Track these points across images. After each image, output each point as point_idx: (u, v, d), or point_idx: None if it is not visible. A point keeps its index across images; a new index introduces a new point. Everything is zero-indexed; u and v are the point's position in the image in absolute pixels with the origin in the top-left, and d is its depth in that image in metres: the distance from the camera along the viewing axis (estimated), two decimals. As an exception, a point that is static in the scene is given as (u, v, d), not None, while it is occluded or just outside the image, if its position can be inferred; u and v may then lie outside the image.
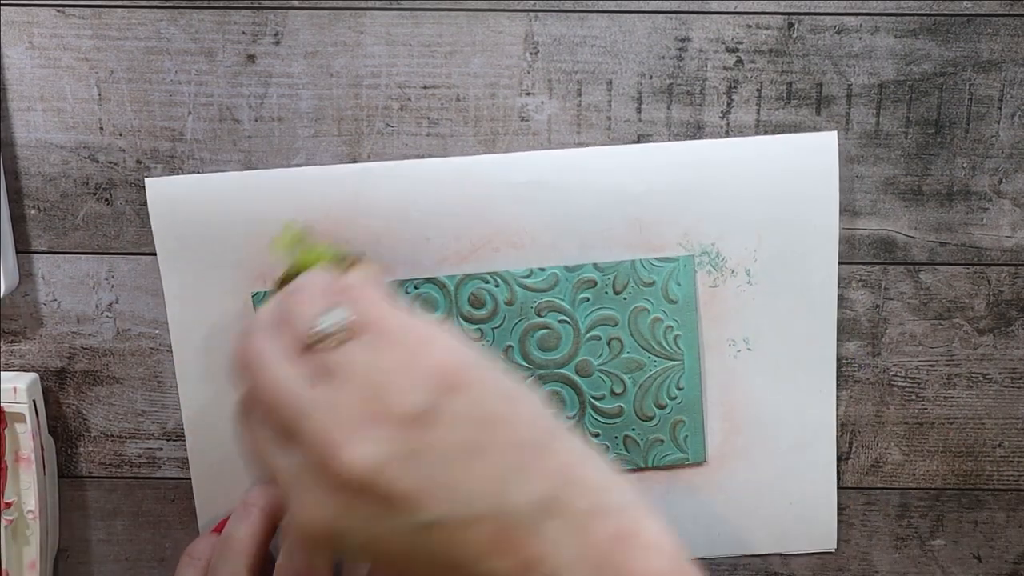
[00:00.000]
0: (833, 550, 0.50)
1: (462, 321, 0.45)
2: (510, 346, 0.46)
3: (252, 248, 0.45)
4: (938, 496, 0.50)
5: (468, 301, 0.45)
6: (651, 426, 0.47)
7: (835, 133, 0.44)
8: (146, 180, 0.44)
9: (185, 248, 0.45)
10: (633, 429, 0.47)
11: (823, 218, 0.45)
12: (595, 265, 0.45)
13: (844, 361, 0.48)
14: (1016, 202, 0.46)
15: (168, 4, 0.43)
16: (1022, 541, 0.50)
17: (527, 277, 0.45)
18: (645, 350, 0.46)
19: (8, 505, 0.45)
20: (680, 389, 0.46)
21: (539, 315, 0.45)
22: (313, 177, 0.44)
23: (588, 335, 0.46)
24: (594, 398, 0.46)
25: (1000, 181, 0.45)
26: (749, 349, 0.47)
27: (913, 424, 0.49)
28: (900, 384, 0.48)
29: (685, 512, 0.49)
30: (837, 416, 0.48)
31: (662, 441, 0.47)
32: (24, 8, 0.43)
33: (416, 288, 0.45)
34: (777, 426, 0.47)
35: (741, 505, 0.48)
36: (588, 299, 0.45)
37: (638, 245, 0.45)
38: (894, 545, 0.50)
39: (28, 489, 0.46)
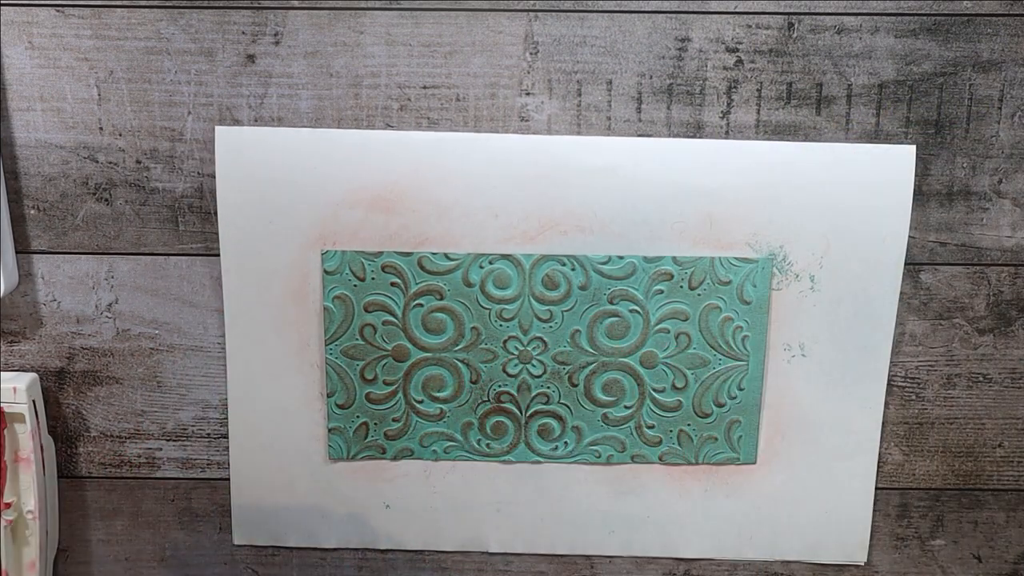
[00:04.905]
0: (863, 564, 0.50)
1: (533, 301, 0.45)
2: (578, 330, 0.46)
3: (322, 206, 0.45)
4: (938, 496, 0.50)
5: (542, 281, 0.45)
6: (707, 423, 0.47)
7: (913, 147, 0.44)
8: (216, 128, 0.44)
9: (247, 202, 0.45)
10: (689, 424, 0.47)
11: (893, 230, 0.45)
12: (674, 259, 0.45)
13: (844, 361, 0.48)
14: (1016, 202, 0.46)
15: (168, 4, 0.43)
16: (1022, 541, 0.50)
17: (604, 264, 0.45)
18: (712, 348, 0.46)
19: (8, 505, 0.45)
20: (741, 390, 0.47)
21: (611, 303, 0.45)
22: (389, 141, 0.44)
23: (657, 327, 0.46)
24: (655, 390, 0.47)
25: (1000, 181, 0.45)
26: (804, 355, 0.46)
27: (913, 424, 0.49)
28: (900, 384, 0.48)
29: (720, 513, 0.49)
30: (837, 416, 0.48)
31: (715, 439, 0.47)
32: (24, 8, 0.43)
33: (490, 263, 0.45)
34: (821, 434, 0.48)
35: (776, 510, 0.49)
36: (662, 292, 0.45)
37: (707, 241, 0.45)
38: (894, 545, 0.50)
39: (28, 489, 0.45)
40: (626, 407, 0.47)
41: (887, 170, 0.44)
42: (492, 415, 0.47)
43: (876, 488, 0.49)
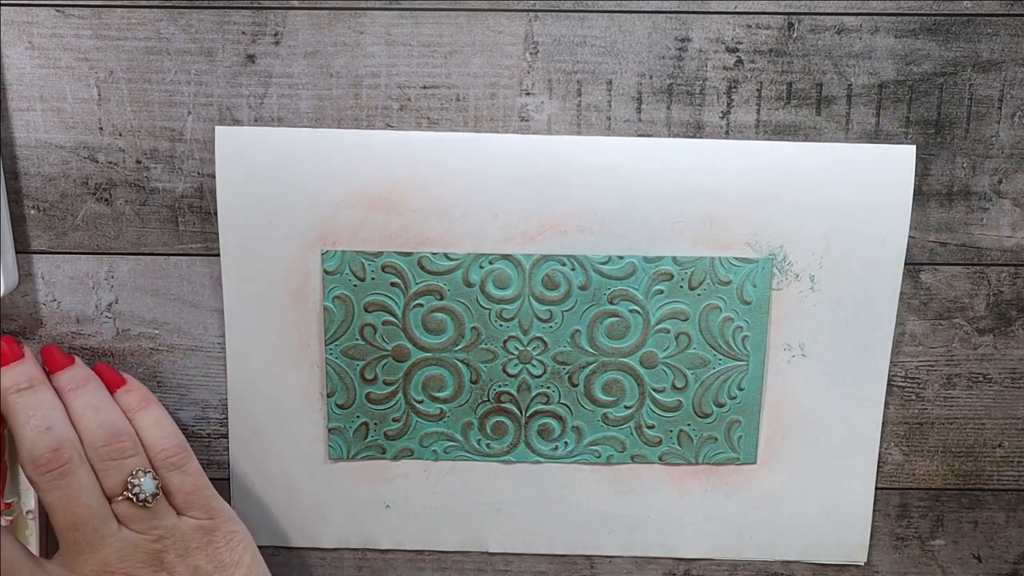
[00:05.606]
0: (863, 564, 0.50)
1: (533, 301, 0.45)
2: (578, 330, 0.46)
3: (322, 206, 0.45)
4: (938, 496, 0.50)
5: (542, 281, 0.45)
6: (707, 423, 0.47)
7: (913, 147, 0.44)
8: (216, 128, 0.44)
9: (247, 202, 0.45)
10: (689, 424, 0.47)
11: (892, 231, 0.45)
12: (674, 259, 0.45)
13: (844, 361, 0.48)
14: (1016, 202, 0.46)
15: (168, 4, 0.43)
16: (1022, 541, 0.50)
17: (604, 264, 0.45)
18: (712, 348, 0.46)
19: (8, 505, 0.45)
20: (741, 390, 0.47)
21: (611, 303, 0.45)
22: (389, 141, 0.44)
23: (657, 327, 0.46)
24: (655, 390, 0.47)
25: (1000, 181, 0.45)
26: (803, 355, 0.46)
27: (913, 424, 0.49)
28: (900, 384, 0.48)
29: (720, 513, 0.49)
30: (837, 416, 0.48)
31: (715, 439, 0.47)
32: (24, 8, 0.43)
33: (490, 263, 0.45)
34: (821, 434, 0.47)
35: (776, 510, 0.49)
36: (662, 291, 0.45)
37: (707, 241, 0.45)
38: (894, 545, 0.50)
39: (28, 489, 0.45)
40: (626, 407, 0.47)
41: (887, 170, 0.44)
42: (492, 415, 0.47)
43: (876, 488, 0.49)
